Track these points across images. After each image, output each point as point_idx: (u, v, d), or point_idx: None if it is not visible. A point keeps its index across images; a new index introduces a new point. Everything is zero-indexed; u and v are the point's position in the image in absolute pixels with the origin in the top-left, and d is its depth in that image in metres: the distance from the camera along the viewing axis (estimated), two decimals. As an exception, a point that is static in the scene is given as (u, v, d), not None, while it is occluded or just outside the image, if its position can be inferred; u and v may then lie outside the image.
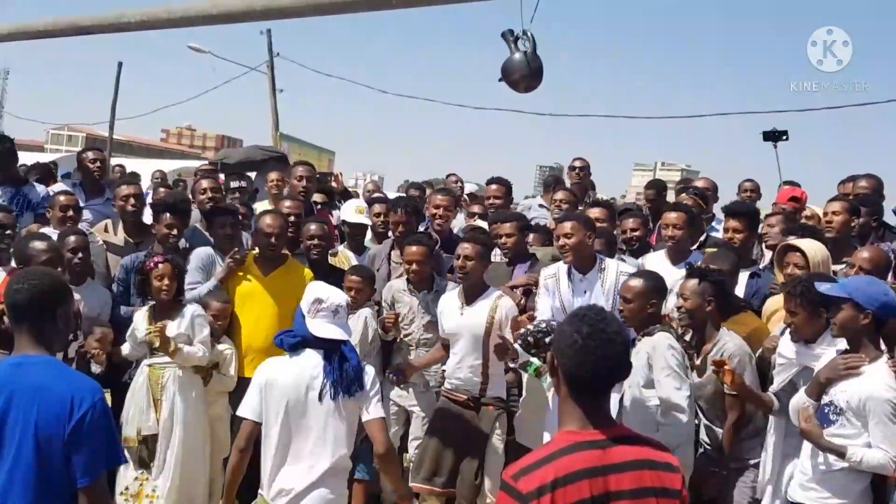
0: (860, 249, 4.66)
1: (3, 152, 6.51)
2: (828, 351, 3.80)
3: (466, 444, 4.73)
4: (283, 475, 3.55)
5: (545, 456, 2.14)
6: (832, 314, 3.64)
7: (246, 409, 3.61)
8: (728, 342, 4.16)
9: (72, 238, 4.99)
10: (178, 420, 4.70)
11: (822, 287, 3.69)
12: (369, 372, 3.59)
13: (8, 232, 5.10)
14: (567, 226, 4.79)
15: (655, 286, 4.27)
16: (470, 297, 4.86)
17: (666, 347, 4.03)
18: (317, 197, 6.95)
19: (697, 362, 4.27)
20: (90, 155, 6.96)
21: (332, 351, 3.53)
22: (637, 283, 4.26)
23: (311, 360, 3.54)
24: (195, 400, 4.79)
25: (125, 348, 4.92)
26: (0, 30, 7.45)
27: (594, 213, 5.93)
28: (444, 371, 5.38)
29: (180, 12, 6.20)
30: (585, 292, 4.68)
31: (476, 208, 7.23)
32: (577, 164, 8.21)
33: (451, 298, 4.98)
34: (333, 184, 8.73)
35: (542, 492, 2.06)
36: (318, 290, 3.66)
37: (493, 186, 7.15)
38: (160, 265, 4.75)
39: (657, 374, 4.03)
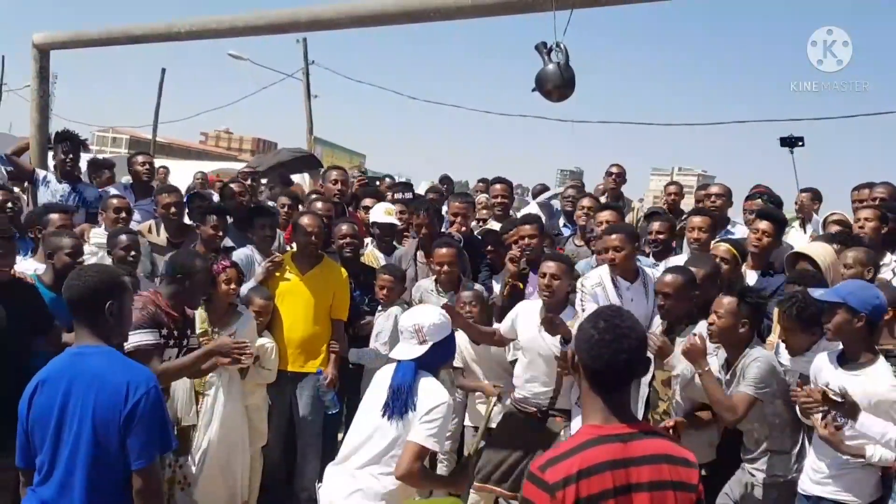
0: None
1: (76, 145, 6.73)
2: (817, 356, 3.82)
3: (529, 453, 4.52)
4: (335, 475, 3.45)
5: (570, 448, 2.16)
6: (826, 318, 3.61)
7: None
8: (752, 353, 3.92)
9: (123, 237, 5.05)
10: (218, 413, 4.73)
11: (816, 293, 3.68)
12: (432, 396, 3.30)
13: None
14: (615, 239, 4.72)
15: (692, 279, 4.32)
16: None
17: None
18: (367, 201, 7.01)
19: (727, 376, 4.01)
20: (140, 159, 7.15)
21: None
22: (673, 278, 4.31)
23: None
24: (235, 394, 4.83)
25: None
26: (57, 38, 7.61)
27: (605, 216, 5.89)
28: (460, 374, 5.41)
29: (228, 23, 6.29)
30: (632, 300, 4.59)
31: (485, 212, 7.27)
32: (614, 170, 8.06)
33: (531, 310, 4.72)
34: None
35: (567, 482, 2.08)
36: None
37: (498, 186, 7.12)
38: (228, 270, 4.78)
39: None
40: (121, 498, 2.71)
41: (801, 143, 6.89)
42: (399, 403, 3.29)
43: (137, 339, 3.85)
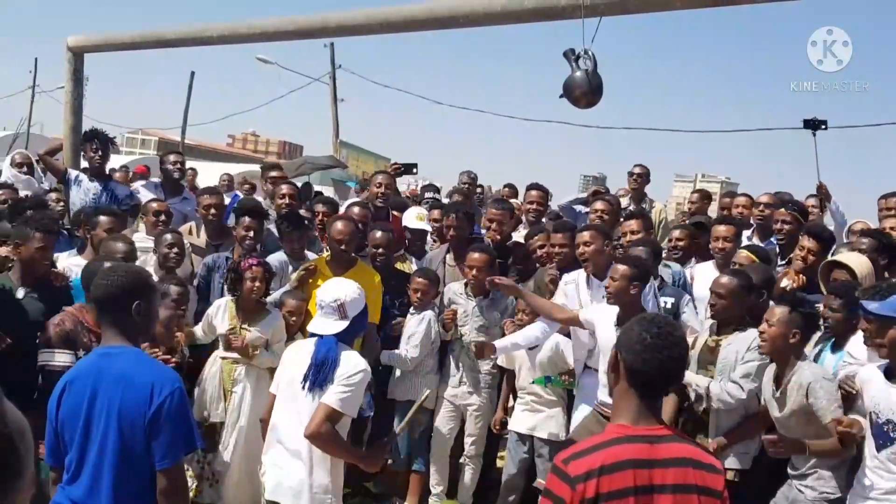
0: None
1: (104, 143, 6.80)
2: (865, 366, 3.76)
3: None
4: (272, 451, 3.56)
5: (596, 444, 2.19)
6: (880, 333, 3.52)
7: (272, 384, 3.68)
8: (805, 372, 3.83)
9: (168, 236, 5.20)
10: (245, 411, 4.77)
11: (871, 306, 3.57)
12: (350, 365, 3.42)
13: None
14: (585, 235, 4.83)
15: (748, 284, 4.35)
16: (622, 318, 4.43)
17: (756, 347, 4.11)
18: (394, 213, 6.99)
19: (778, 394, 3.93)
20: (172, 158, 7.20)
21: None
22: (729, 280, 4.36)
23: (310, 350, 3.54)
24: (263, 392, 4.84)
25: (198, 330, 5.00)
26: (91, 41, 7.68)
27: (631, 225, 5.87)
28: (494, 371, 5.42)
29: (259, 28, 6.32)
30: (603, 297, 4.56)
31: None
32: (637, 170, 8.01)
33: (610, 314, 4.54)
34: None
35: (589, 476, 2.11)
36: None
37: (534, 192, 7.07)
38: (254, 267, 4.81)
39: (739, 362, 4.15)
40: (148, 497, 2.71)
41: (824, 127, 6.66)
42: (321, 377, 3.38)
43: (45, 357, 3.75)
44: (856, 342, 3.99)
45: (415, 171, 7.40)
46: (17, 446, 1.14)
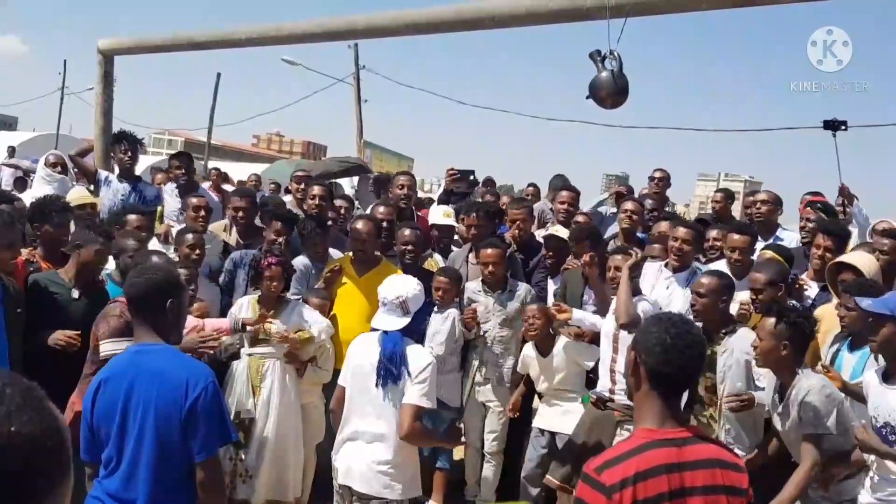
0: None
1: (133, 144, 6.91)
2: (867, 372, 3.72)
3: (593, 445, 4.48)
4: (346, 445, 3.72)
5: (627, 451, 2.17)
6: (872, 331, 3.47)
7: (340, 377, 3.83)
8: (802, 383, 3.61)
9: (189, 236, 5.23)
10: (274, 406, 4.80)
11: (864, 303, 3.52)
12: (419, 360, 3.57)
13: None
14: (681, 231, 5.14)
15: (727, 284, 4.39)
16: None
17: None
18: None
19: (780, 408, 3.75)
20: (174, 163, 7.22)
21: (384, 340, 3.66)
22: (710, 280, 4.39)
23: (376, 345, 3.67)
24: (290, 389, 4.90)
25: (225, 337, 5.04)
26: (122, 44, 7.79)
27: (662, 227, 5.89)
28: (516, 366, 5.43)
29: (287, 30, 6.37)
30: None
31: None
32: (658, 174, 7.99)
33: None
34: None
35: (624, 484, 2.09)
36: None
37: (565, 193, 7.04)
38: (273, 267, 4.88)
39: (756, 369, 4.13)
40: (183, 490, 2.77)
41: (844, 128, 6.60)
42: (392, 372, 3.54)
43: (112, 347, 3.65)
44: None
45: (472, 177, 7.40)
46: (66, 441, 1.18)
